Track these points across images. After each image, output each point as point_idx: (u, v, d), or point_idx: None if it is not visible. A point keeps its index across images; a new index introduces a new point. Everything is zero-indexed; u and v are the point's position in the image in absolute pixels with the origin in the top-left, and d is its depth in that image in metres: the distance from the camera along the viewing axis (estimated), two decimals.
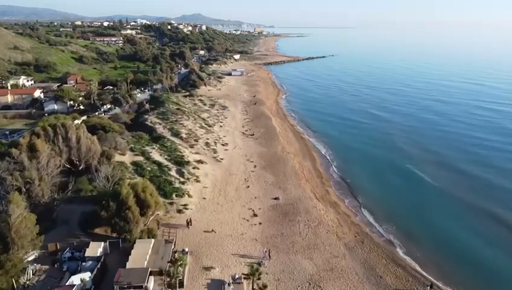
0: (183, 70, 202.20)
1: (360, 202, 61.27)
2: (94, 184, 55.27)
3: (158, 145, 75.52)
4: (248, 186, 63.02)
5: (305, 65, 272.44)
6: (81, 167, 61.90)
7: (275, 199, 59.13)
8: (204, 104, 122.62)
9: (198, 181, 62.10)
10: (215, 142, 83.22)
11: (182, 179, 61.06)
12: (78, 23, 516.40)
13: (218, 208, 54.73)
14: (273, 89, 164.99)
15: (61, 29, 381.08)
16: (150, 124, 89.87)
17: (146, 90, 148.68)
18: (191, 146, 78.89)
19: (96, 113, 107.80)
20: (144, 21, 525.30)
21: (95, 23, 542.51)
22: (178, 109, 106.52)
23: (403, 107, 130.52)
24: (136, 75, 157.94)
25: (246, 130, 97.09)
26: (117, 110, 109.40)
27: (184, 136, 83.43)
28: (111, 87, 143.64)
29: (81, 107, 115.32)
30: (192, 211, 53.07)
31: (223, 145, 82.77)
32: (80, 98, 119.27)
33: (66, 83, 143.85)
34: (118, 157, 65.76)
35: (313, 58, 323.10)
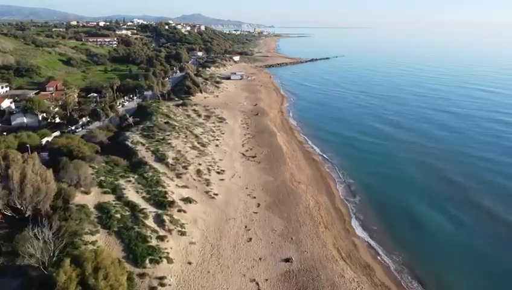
0: (179, 73, 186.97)
1: (400, 262, 45.72)
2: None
3: (136, 176, 59.90)
4: (250, 239, 47.46)
5: (308, 67, 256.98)
6: (27, 214, 46.46)
7: (287, 260, 43.63)
8: (199, 116, 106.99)
9: (183, 233, 46.47)
10: (208, 169, 67.60)
11: (161, 232, 45.43)
12: (74, 23, 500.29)
13: (209, 281, 39.16)
14: (276, 95, 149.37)
15: (53, 29, 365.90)
16: (130, 144, 74.21)
17: (135, 97, 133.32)
18: (179, 176, 63.26)
19: (73, 128, 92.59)
20: (141, 21, 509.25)
21: (91, 23, 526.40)
22: (167, 123, 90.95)
23: (412, 121, 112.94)
24: (124, 81, 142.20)
25: (247, 150, 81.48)
26: (96, 124, 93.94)
27: (171, 161, 67.79)
28: (95, 94, 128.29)
29: (57, 119, 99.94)
30: (172, 288, 37.48)
31: (218, 173, 67.14)
32: (56, 109, 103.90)
33: (45, 90, 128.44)
34: (79, 198, 50.27)
35: (316, 59, 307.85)
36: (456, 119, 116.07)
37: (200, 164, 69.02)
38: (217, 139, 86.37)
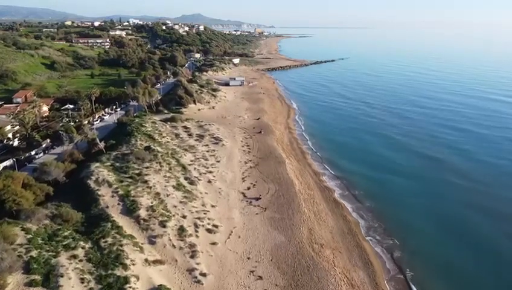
0: (172, 79, 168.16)
1: None
2: None
3: (88, 246, 41.18)
4: None
5: (314, 71, 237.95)
6: None
7: None
8: (190, 135, 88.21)
9: None
10: (195, 225, 48.83)
11: None
12: (68, 23, 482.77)
13: None
14: (281, 106, 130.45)
15: (44, 30, 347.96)
16: (92, 185, 55.42)
17: (118, 109, 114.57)
18: (152, 240, 44.54)
19: (32, 153, 74.03)
20: (136, 21, 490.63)
21: (86, 22, 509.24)
22: (148, 148, 72.19)
23: (433, 145, 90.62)
24: (106, 89, 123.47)
25: (249, 188, 62.69)
26: (65, 147, 75.27)
27: (143, 214, 48.97)
28: (71, 106, 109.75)
29: (16, 142, 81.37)
30: None
31: (209, 231, 48.40)
32: (17, 127, 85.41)
33: (12, 102, 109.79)
34: None
35: (321, 62, 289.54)
36: (479, 142, 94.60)
37: (184, 217, 50.22)
38: (211, 171, 67.50)
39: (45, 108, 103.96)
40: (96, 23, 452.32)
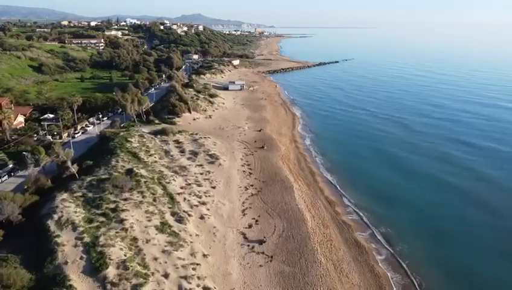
0: (167, 83, 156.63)
1: None
2: None
3: None
4: None
5: (317, 74, 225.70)
6: None
7: None
8: (182, 152, 76.45)
9: None
10: (180, 289, 37.07)
11: None
12: (65, 22, 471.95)
13: None
14: (285, 114, 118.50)
15: (37, 30, 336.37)
16: (53, 227, 43.68)
17: (105, 118, 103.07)
18: None
19: None
20: (134, 21, 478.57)
21: (83, 22, 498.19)
22: (130, 172, 60.46)
23: (462, 172, 74.77)
24: (92, 97, 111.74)
25: (250, 226, 50.93)
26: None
27: (112, 274, 37.17)
28: (51, 115, 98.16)
29: None
30: None
31: None
32: None
33: None
34: None
35: (324, 63, 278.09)
36: (503, 164, 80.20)
37: (166, 275, 38.46)
38: (204, 203, 55.69)
39: (21, 118, 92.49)
40: (93, 23, 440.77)
